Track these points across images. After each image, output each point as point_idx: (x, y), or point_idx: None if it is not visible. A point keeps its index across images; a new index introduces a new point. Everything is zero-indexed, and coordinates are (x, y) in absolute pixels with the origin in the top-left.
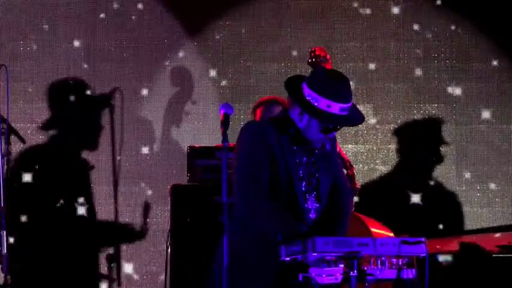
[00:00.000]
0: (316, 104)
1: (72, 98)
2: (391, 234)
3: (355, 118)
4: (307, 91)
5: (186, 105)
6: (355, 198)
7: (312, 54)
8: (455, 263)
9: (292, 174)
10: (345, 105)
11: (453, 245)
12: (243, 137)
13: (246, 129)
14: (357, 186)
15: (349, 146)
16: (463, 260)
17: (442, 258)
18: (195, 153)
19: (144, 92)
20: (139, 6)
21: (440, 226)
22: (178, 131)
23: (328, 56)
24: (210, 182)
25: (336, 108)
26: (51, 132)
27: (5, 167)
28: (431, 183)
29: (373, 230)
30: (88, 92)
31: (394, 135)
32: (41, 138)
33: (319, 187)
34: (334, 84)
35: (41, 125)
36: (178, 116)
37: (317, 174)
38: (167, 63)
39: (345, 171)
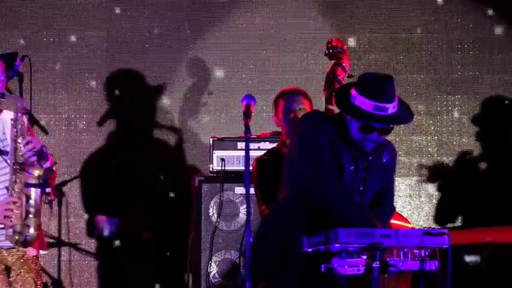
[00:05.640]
0: (353, 101)
1: (94, 88)
2: (410, 225)
3: (395, 118)
4: (352, 91)
5: (204, 96)
6: None
7: (329, 46)
8: None
9: (343, 166)
10: (381, 104)
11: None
12: (302, 124)
13: (307, 117)
14: None
15: None
16: None
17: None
18: (218, 144)
19: (166, 82)
20: None
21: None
22: (199, 121)
23: (345, 47)
24: (233, 173)
25: (369, 105)
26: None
27: None
28: (456, 176)
29: (392, 221)
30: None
31: (417, 126)
32: (63, 129)
33: (365, 194)
34: (372, 83)
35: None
36: (199, 106)
37: (366, 181)
38: (189, 54)
39: None
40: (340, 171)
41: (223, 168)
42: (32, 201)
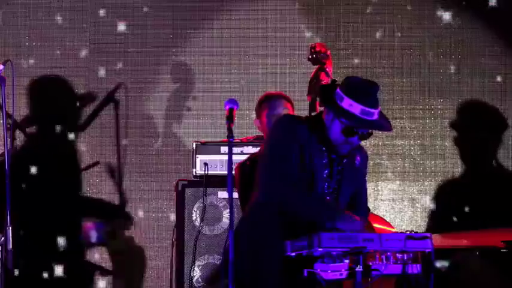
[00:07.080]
0: (339, 101)
1: (75, 93)
2: (394, 230)
3: (379, 125)
4: (337, 91)
5: (187, 100)
6: None
7: (312, 50)
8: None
9: (315, 173)
10: (367, 109)
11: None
12: (274, 128)
13: (279, 122)
14: None
15: None
16: None
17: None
18: (201, 149)
19: (149, 87)
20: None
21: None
22: (182, 126)
23: (328, 52)
24: (216, 178)
25: (357, 108)
26: (57, 127)
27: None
28: (439, 179)
29: (375, 225)
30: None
31: (400, 130)
32: (46, 134)
33: (339, 195)
34: (360, 87)
35: (45, 121)
36: (182, 111)
37: (341, 183)
38: (172, 58)
39: None
40: (312, 178)
41: (206, 172)
42: None
